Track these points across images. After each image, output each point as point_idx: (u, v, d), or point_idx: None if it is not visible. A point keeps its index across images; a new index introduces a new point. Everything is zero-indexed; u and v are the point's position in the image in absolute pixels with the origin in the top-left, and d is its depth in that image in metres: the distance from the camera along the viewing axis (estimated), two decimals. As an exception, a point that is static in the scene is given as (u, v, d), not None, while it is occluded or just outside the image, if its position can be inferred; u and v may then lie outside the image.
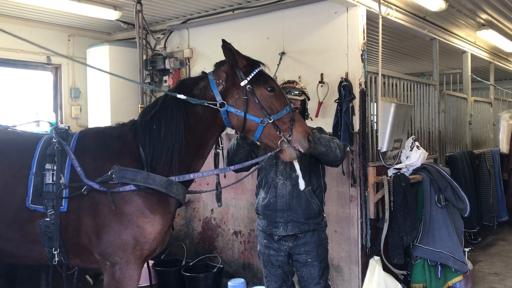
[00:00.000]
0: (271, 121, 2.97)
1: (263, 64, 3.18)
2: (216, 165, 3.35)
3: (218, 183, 3.33)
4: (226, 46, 3.02)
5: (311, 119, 4.65)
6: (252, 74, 3.02)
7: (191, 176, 3.05)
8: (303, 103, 3.76)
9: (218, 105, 2.96)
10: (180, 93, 2.98)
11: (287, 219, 3.58)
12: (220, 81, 3.05)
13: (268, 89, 3.03)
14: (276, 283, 3.74)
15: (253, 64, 3.09)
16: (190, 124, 2.99)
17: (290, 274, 3.79)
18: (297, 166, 3.35)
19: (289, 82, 3.84)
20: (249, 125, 3.01)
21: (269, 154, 3.14)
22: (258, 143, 3.21)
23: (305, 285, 3.65)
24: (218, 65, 3.16)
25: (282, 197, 3.59)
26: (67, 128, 3.08)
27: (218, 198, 3.31)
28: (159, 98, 3.14)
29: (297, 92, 3.70)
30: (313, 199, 3.60)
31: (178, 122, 2.95)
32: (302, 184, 3.36)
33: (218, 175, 3.34)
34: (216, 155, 3.34)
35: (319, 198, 3.66)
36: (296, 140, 3.00)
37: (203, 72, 3.19)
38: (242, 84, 3.00)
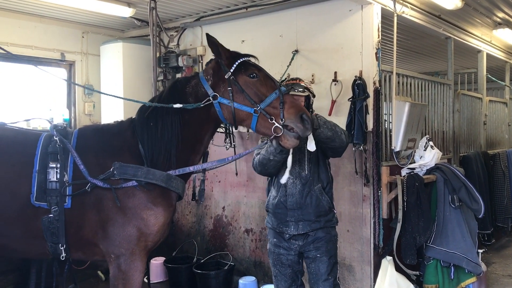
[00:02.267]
0: (259, 108, 2.96)
1: (251, 55, 3.19)
2: (205, 161, 3.33)
3: (202, 181, 3.35)
4: (210, 40, 3.08)
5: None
6: (235, 65, 3.05)
7: (191, 168, 3.11)
8: (307, 100, 3.68)
9: (211, 98, 3.02)
10: (174, 92, 3.10)
11: (298, 218, 3.56)
12: (208, 77, 3.12)
13: (251, 75, 3.04)
14: (285, 282, 3.71)
15: (236, 56, 3.12)
16: (185, 120, 3.06)
17: (300, 274, 3.77)
18: (289, 157, 3.26)
19: (292, 79, 3.80)
20: (241, 115, 3.04)
21: (264, 142, 3.16)
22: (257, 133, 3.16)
23: (314, 281, 3.63)
24: (207, 63, 3.25)
25: (292, 196, 3.57)
26: (65, 125, 3.15)
27: (200, 195, 3.31)
28: (155, 96, 3.25)
29: (301, 89, 3.64)
30: (323, 196, 3.59)
31: (173, 119, 3.03)
32: (285, 179, 3.28)
33: (204, 173, 3.37)
34: (206, 154, 3.30)
35: (329, 194, 3.65)
36: (288, 121, 2.95)
37: (195, 72, 3.29)
38: (226, 76, 3.04)
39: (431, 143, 5.32)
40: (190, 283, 5.66)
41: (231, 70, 3.04)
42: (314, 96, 3.78)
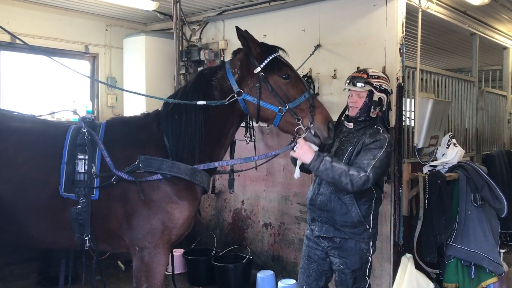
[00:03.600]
0: (287, 108, 2.93)
1: (280, 49, 3.12)
2: (232, 154, 3.33)
3: (231, 171, 3.34)
4: (240, 33, 3.02)
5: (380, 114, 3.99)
6: (266, 61, 3.00)
7: (216, 164, 3.11)
8: (369, 95, 3.35)
9: (235, 94, 2.99)
10: (199, 85, 3.07)
11: (324, 220, 3.46)
12: (236, 69, 3.07)
13: (283, 76, 2.99)
14: (308, 277, 3.59)
15: (267, 50, 3.06)
16: (209, 115, 3.04)
17: (325, 275, 3.60)
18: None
19: (358, 71, 3.48)
20: (265, 113, 3.02)
21: (289, 145, 3.10)
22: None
23: None
24: (234, 53, 3.18)
25: (323, 196, 3.45)
26: (93, 118, 3.18)
27: (231, 185, 3.31)
28: (180, 89, 3.24)
29: (360, 84, 3.31)
30: (354, 207, 3.34)
31: (197, 114, 3.02)
32: (297, 173, 3.20)
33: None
34: (233, 143, 3.28)
35: (362, 207, 3.36)
36: (315, 127, 2.95)
37: (222, 61, 3.21)
38: (255, 71, 2.99)
39: (454, 140, 5.25)
40: (209, 275, 5.72)
41: (262, 66, 2.98)
42: (384, 91, 3.39)
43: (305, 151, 3.04)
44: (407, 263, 4.68)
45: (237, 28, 3.03)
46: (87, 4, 6.22)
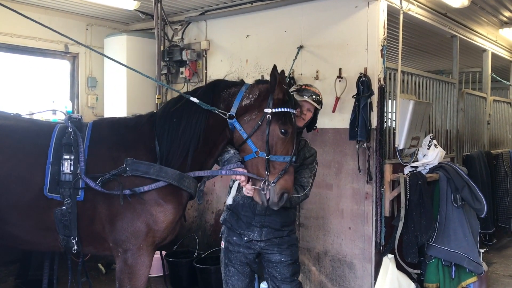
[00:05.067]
0: (268, 157, 2.93)
1: (297, 105, 3.16)
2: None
3: (203, 182, 3.20)
4: (273, 73, 2.99)
5: (318, 131, 4.64)
6: (279, 109, 2.97)
7: (196, 173, 3.05)
8: (315, 113, 3.63)
9: (227, 115, 2.98)
10: (210, 92, 3.07)
11: (263, 224, 3.48)
12: (251, 96, 3.05)
13: (282, 130, 2.97)
14: (242, 282, 3.58)
15: (287, 101, 3.03)
16: (209, 123, 3.02)
17: (255, 273, 3.71)
18: (234, 185, 3.48)
19: (307, 85, 3.70)
20: (245, 147, 3.02)
21: (250, 175, 3.04)
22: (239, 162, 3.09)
23: (278, 285, 3.55)
24: (257, 82, 3.19)
25: None
26: (80, 117, 3.11)
27: (199, 196, 3.14)
28: (191, 91, 3.22)
29: (308, 95, 3.56)
30: (292, 208, 3.58)
31: (199, 119, 3.00)
32: (230, 200, 3.35)
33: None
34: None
35: (295, 208, 3.70)
36: (272, 188, 2.94)
37: (242, 81, 3.23)
38: (266, 110, 2.97)
39: (434, 141, 5.30)
40: (191, 277, 5.67)
41: (274, 110, 2.96)
42: (321, 106, 3.67)
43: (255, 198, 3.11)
44: (388, 263, 4.72)
45: (274, 66, 3.00)
46: (67, 3, 6.13)
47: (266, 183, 2.94)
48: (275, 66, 3.01)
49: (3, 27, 5.86)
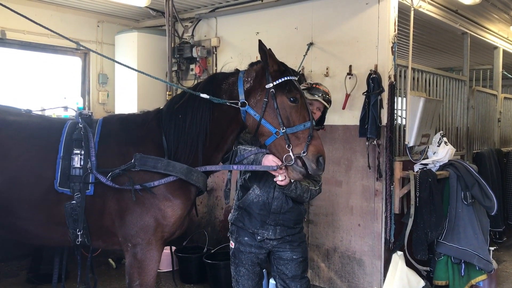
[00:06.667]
0: (283, 131, 2.92)
1: (295, 73, 3.14)
2: (233, 160, 3.27)
3: (228, 180, 3.25)
4: (261, 48, 3.02)
5: (325, 130, 4.79)
6: (280, 80, 2.99)
7: (207, 168, 3.08)
8: (324, 111, 3.64)
9: (239, 104, 3.00)
10: (210, 86, 3.08)
11: (277, 222, 3.46)
12: (249, 79, 3.07)
13: (291, 99, 2.97)
14: (253, 281, 3.57)
15: (284, 70, 3.06)
16: (214, 117, 3.05)
17: (262, 274, 3.69)
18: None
19: (317, 84, 3.69)
20: (262, 130, 3.01)
21: (272, 166, 3.04)
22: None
23: (287, 282, 3.54)
24: (251, 65, 3.19)
25: (278, 200, 3.42)
26: (90, 114, 3.16)
27: (226, 195, 3.20)
28: (190, 87, 3.23)
29: (320, 94, 3.56)
30: (302, 205, 3.57)
31: (204, 114, 3.02)
32: (229, 199, 3.30)
33: (230, 172, 3.30)
34: (234, 152, 3.25)
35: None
36: (307, 158, 2.92)
37: (236, 69, 3.22)
38: (267, 86, 2.99)
39: (444, 139, 5.29)
40: (200, 272, 5.70)
41: (275, 83, 2.98)
42: (330, 105, 3.67)
43: (286, 182, 3.12)
44: (398, 260, 4.72)
45: (260, 42, 3.02)
46: (79, 0, 6.17)
47: (292, 156, 2.91)
48: (260, 41, 3.01)
49: (16, 24, 5.91)
